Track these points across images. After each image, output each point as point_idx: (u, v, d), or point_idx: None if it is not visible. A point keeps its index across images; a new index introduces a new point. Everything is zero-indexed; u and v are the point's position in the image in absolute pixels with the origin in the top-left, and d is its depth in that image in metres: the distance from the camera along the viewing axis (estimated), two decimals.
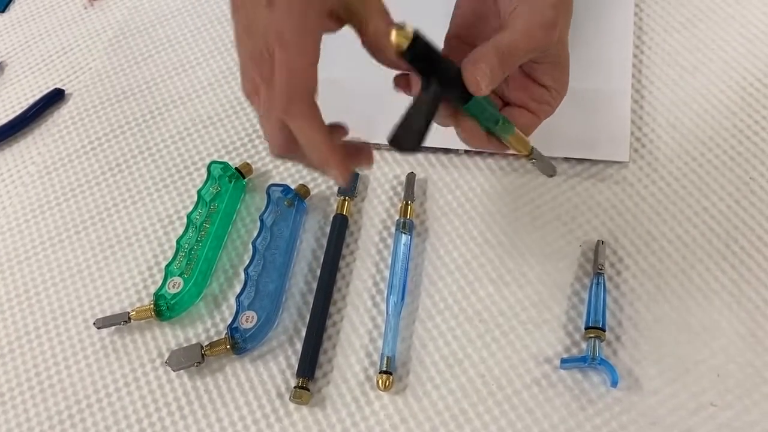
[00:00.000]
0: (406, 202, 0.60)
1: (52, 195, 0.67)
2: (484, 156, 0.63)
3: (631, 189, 0.60)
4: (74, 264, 0.63)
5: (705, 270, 0.56)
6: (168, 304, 0.58)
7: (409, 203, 0.60)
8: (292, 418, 0.53)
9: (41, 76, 0.76)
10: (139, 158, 0.68)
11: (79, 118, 0.72)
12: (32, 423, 0.55)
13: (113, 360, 0.58)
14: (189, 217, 0.61)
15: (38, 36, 0.79)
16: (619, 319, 0.54)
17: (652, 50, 0.67)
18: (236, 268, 0.61)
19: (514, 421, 0.51)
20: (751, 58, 0.65)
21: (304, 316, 0.57)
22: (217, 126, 0.69)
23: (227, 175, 0.63)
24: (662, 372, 0.52)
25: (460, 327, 0.56)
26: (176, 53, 0.75)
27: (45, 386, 0.57)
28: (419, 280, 0.58)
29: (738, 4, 0.69)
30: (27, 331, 0.60)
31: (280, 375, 0.55)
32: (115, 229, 0.64)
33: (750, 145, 0.61)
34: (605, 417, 0.51)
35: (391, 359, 0.54)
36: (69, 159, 0.69)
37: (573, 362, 0.52)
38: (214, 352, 0.55)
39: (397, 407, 0.53)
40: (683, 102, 0.64)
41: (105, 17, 0.80)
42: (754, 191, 0.59)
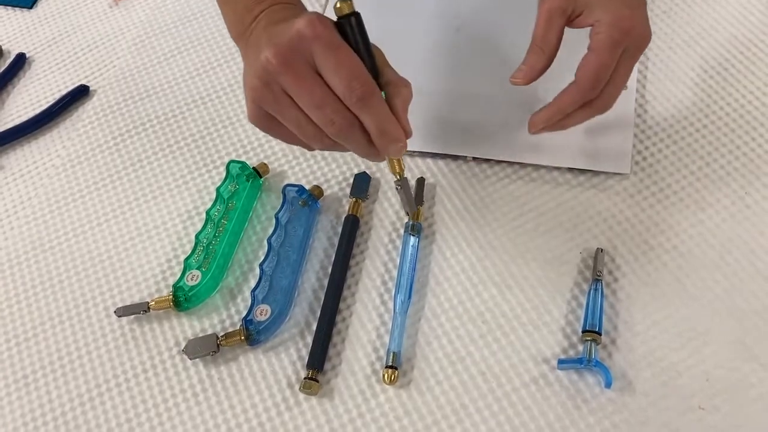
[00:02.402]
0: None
1: (76, 188, 0.70)
2: (492, 164, 0.66)
3: (631, 200, 0.62)
4: (96, 254, 0.65)
5: (699, 279, 0.58)
6: (186, 296, 0.60)
7: (418, 207, 0.63)
8: (301, 407, 0.56)
9: (67, 73, 0.79)
10: (160, 155, 0.71)
11: (103, 115, 0.74)
12: (54, 404, 0.58)
13: (132, 347, 0.60)
14: (208, 213, 0.64)
15: (64, 33, 0.82)
16: (615, 323, 0.57)
17: (656, 66, 0.70)
18: (251, 263, 0.63)
19: (512, 417, 0.54)
20: (750, 77, 0.68)
21: (315, 311, 0.60)
22: (236, 126, 0.72)
23: (245, 174, 0.65)
24: (654, 375, 0.54)
25: (463, 326, 0.58)
26: (198, 54, 0.78)
27: (67, 370, 0.60)
28: (426, 281, 0.61)
29: (740, 24, 0.71)
30: (51, 317, 0.63)
31: (290, 366, 0.58)
32: (136, 222, 0.67)
33: (746, 161, 0.63)
34: (598, 416, 0.53)
35: (397, 355, 0.56)
36: (93, 153, 0.72)
37: (570, 363, 0.55)
38: (229, 342, 0.58)
39: (401, 400, 0.56)
40: (684, 117, 0.66)
41: (129, 16, 0.82)
42: (749, 205, 0.61)
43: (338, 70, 0.44)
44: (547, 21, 0.53)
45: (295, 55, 0.44)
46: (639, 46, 0.54)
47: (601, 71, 0.52)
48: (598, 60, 0.52)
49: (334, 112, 0.45)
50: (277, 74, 0.44)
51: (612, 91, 0.54)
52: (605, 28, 0.52)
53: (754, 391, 0.53)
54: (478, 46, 0.72)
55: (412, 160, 0.67)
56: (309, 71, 0.44)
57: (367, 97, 0.44)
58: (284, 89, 0.45)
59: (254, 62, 0.46)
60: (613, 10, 0.52)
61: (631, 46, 0.53)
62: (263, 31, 0.49)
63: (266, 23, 0.50)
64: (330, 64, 0.44)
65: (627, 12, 0.52)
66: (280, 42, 0.44)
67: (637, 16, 0.53)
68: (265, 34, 0.48)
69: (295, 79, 0.44)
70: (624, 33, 0.52)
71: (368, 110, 0.45)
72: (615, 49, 0.52)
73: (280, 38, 0.45)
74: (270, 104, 0.47)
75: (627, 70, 0.54)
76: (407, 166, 0.67)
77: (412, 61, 0.73)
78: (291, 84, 0.44)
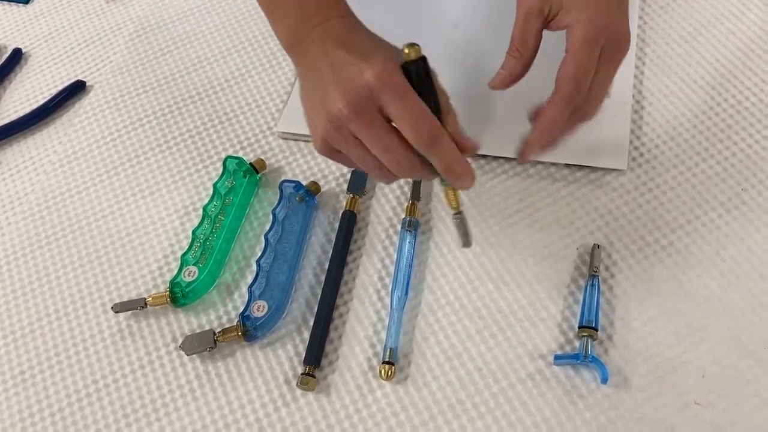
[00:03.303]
0: (412, 202, 0.63)
1: (73, 183, 0.70)
2: (488, 159, 0.66)
3: (628, 196, 0.62)
4: (93, 250, 0.65)
5: (695, 276, 0.58)
6: (183, 292, 0.60)
7: (415, 203, 0.63)
8: (298, 403, 0.56)
9: (63, 68, 0.79)
10: (157, 151, 0.71)
11: (99, 110, 0.74)
12: (51, 400, 0.58)
13: (129, 343, 0.60)
14: (205, 209, 0.64)
15: (61, 28, 0.82)
16: (612, 319, 0.57)
17: (653, 62, 0.70)
18: (248, 259, 0.63)
19: (508, 412, 0.54)
20: (747, 73, 0.68)
21: (312, 307, 0.60)
22: (233, 122, 0.72)
23: (242, 170, 0.65)
24: (650, 371, 0.55)
25: (460, 322, 0.58)
26: (195, 49, 0.77)
27: (64, 366, 0.60)
28: (422, 277, 0.61)
29: (737, 20, 0.71)
30: (47, 313, 0.63)
31: (288, 362, 0.58)
32: (133, 218, 0.67)
33: (743, 157, 0.63)
34: (594, 412, 0.54)
35: (394, 351, 0.57)
36: (89, 149, 0.72)
37: (566, 359, 0.55)
38: (226, 338, 0.58)
39: (398, 396, 0.56)
40: (681, 114, 0.66)
41: (126, 12, 0.82)
42: (745, 202, 0.61)
43: (407, 116, 0.45)
44: (524, 23, 0.52)
45: (365, 104, 0.45)
46: (617, 45, 0.52)
47: (579, 72, 0.51)
48: (574, 61, 0.51)
49: (401, 156, 0.47)
50: (348, 122, 0.46)
51: (594, 95, 0.52)
52: (580, 26, 0.50)
53: (750, 388, 0.53)
54: (476, 41, 0.72)
55: None
56: (378, 119, 0.46)
57: (435, 141, 0.46)
58: (353, 134, 0.47)
59: (320, 94, 0.47)
60: (589, 8, 0.51)
61: (608, 46, 0.51)
62: (324, 56, 0.48)
63: (325, 41, 0.49)
64: (398, 111, 0.45)
65: (603, 9, 0.51)
66: (349, 90, 0.45)
67: (615, 15, 0.52)
68: (327, 64, 0.48)
69: (366, 127, 0.46)
70: (599, 30, 0.50)
71: (436, 152, 0.46)
72: (591, 47, 0.50)
73: (349, 85, 0.45)
74: (339, 144, 0.48)
75: (608, 74, 0.53)
76: None
77: None
78: (361, 131, 0.46)
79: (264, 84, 0.74)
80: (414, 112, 0.45)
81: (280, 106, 0.72)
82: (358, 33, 0.50)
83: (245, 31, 0.78)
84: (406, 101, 0.45)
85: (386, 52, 0.47)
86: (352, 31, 0.50)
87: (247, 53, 0.76)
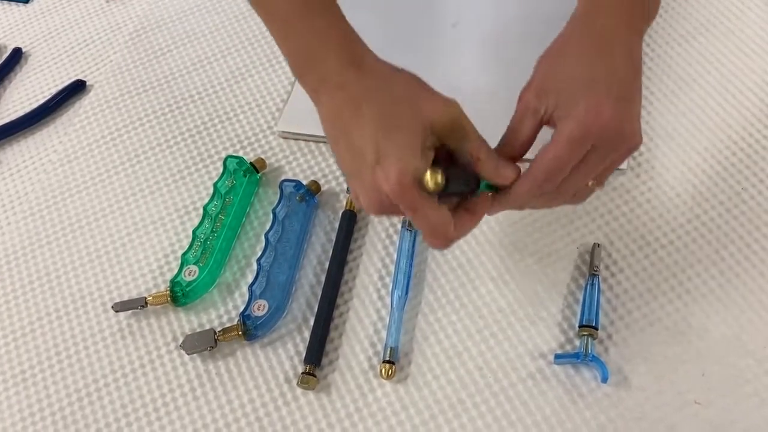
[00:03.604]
0: None
1: (73, 183, 0.70)
2: None
3: (628, 195, 0.62)
4: (93, 250, 0.65)
5: (695, 275, 0.58)
6: (183, 291, 0.60)
7: None
8: (298, 402, 0.56)
9: (63, 67, 0.79)
10: (157, 150, 0.71)
11: (99, 109, 0.74)
12: (52, 399, 0.58)
13: (130, 342, 0.60)
14: (205, 209, 0.64)
15: (61, 28, 0.82)
16: (612, 318, 0.57)
17: (653, 61, 0.70)
18: (249, 258, 0.64)
19: (509, 411, 0.54)
20: (747, 72, 0.68)
21: (312, 306, 0.60)
22: (233, 121, 0.72)
23: (242, 169, 0.65)
24: (650, 370, 0.55)
25: (460, 321, 0.58)
26: (195, 49, 0.77)
27: (64, 365, 0.60)
28: (423, 276, 0.61)
29: (738, 19, 0.71)
30: (48, 312, 0.63)
31: (288, 361, 0.58)
32: (133, 217, 0.67)
33: (743, 157, 0.63)
34: (594, 411, 0.54)
35: (394, 350, 0.57)
36: (90, 149, 0.72)
37: (566, 358, 0.55)
38: (227, 337, 0.58)
39: (398, 395, 0.56)
40: (681, 113, 0.66)
41: (126, 11, 0.82)
42: (745, 201, 0.61)
43: (421, 226, 0.47)
44: (519, 119, 0.50)
45: (389, 205, 0.46)
46: (613, 144, 0.46)
47: (553, 165, 0.46)
48: (552, 152, 0.46)
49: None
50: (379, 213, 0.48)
51: (568, 188, 0.48)
52: (568, 123, 0.45)
53: (750, 387, 0.53)
54: (474, 41, 0.72)
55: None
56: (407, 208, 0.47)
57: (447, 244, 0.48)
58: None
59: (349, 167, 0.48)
60: (587, 102, 0.45)
61: (602, 144, 0.46)
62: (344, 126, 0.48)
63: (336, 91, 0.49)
64: (413, 220, 0.47)
65: (604, 107, 0.45)
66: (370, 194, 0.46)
67: (618, 113, 0.45)
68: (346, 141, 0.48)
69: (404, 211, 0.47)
70: (587, 130, 0.45)
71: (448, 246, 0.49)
72: (574, 146, 0.45)
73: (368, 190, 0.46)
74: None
75: (592, 169, 0.47)
76: None
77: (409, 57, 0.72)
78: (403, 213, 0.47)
79: (264, 83, 0.74)
80: (425, 225, 0.46)
81: (281, 105, 0.72)
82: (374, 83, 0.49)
83: (245, 31, 0.78)
84: (417, 216, 0.46)
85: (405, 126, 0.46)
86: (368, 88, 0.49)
87: (248, 52, 0.76)
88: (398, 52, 0.73)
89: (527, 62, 0.70)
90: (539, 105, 0.48)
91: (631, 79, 0.48)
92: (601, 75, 0.47)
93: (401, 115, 0.46)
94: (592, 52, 0.49)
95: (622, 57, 0.48)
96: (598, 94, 0.46)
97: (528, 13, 0.73)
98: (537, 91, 0.48)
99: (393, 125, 0.46)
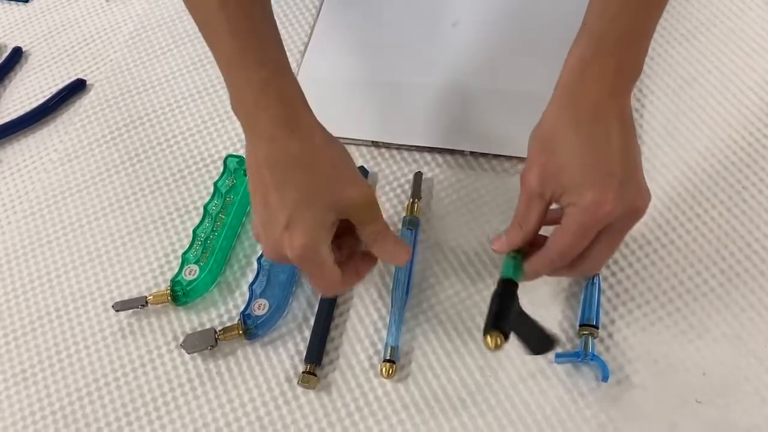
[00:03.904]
0: (412, 200, 0.63)
1: (74, 182, 0.70)
2: (489, 158, 0.66)
3: None
4: (94, 249, 0.65)
5: (695, 274, 0.58)
6: (184, 290, 0.60)
7: (415, 201, 0.63)
8: (299, 401, 0.56)
9: (63, 67, 0.78)
10: (157, 149, 0.71)
11: (100, 109, 0.74)
12: (52, 399, 0.58)
13: (130, 342, 0.60)
14: (205, 208, 0.64)
15: (61, 27, 0.82)
16: (612, 317, 0.57)
17: (653, 60, 0.70)
18: (249, 257, 0.64)
19: (509, 411, 0.54)
20: (748, 71, 0.68)
21: (312, 305, 0.60)
22: (233, 120, 0.71)
23: (243, 168, 0.65)
24: (651, 369, 0.55)
25: (461, 320, 0.58)
26: (195, 48, 0.77)
27: (65, 364, 0.60)
28: (423, 275, 0.61)
29: (738, 18, 0.71)
30: (48, 311, 0.63)
31: (288, 360, 0.58)
32: (133, 216, 0.67)
33: (743, 155, 0.63)
34: (595, 410, 0.54)
35: (395, 349, 0.57)
36: (90, 148, 0.72)
37: (567, 357, 0.55)
38: (227, 336, 0.58)
39: (399, 394, 0.56)
40: (681, 112, 0.66)
41: (126, 10, 0.82)
42: (746, 200, 0.61)
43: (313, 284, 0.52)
44: (526, 203, 0.51)
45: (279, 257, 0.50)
46: (624, 223, 0.49)
47: (566, 250, 0.49)
48: (562, 239, 0.49)
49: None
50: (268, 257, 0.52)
51: (586, 267, 0.51)
52: (576, 211, 0.47)
53: (750, 386, 0.53)
54: (475, 40, 0.72)
55: (410, 154, 0.67)
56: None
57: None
58: None
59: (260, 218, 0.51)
60: (592, 192, 0.46)
61: (612, 227, 0.48)
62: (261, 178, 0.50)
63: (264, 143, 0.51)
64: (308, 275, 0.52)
65: (609, 194, 0.46)
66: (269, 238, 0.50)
67: (623, 194, 0.47)
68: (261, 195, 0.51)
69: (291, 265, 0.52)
70: (596, 220, 0.47)
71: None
72: (584, 233, 0.48)
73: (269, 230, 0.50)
74: None
75: (606, 246, 0.50)
76: (404, 161, 0.67)
77: (409, 56, 0.73)
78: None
79: None
80: (317, 283, 0.52)
81: None
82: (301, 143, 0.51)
83: None
84: (312, 277, 0.51)
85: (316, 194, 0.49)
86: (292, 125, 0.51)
87: None
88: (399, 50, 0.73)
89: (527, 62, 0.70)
90: (544, 190, 0.49)
91: (629, 150, 0.48)
92: (600, 158, 0.47)
93: (318, 195, 0.49)
94: (585, 133, 0.48)
95: (616, 131, 0.48)
96: (601, 181, 0.47)
97: (528, 13, 0.73)
98: (539, 178, 0.49)
99: (308, 202, 0.49)
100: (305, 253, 0.48)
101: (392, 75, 0.71)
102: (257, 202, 0.51)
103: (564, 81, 0.50)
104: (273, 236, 0.49)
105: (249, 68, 0.51)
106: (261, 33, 0.52)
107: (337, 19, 0.75)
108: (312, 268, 0.50)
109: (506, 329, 0.47)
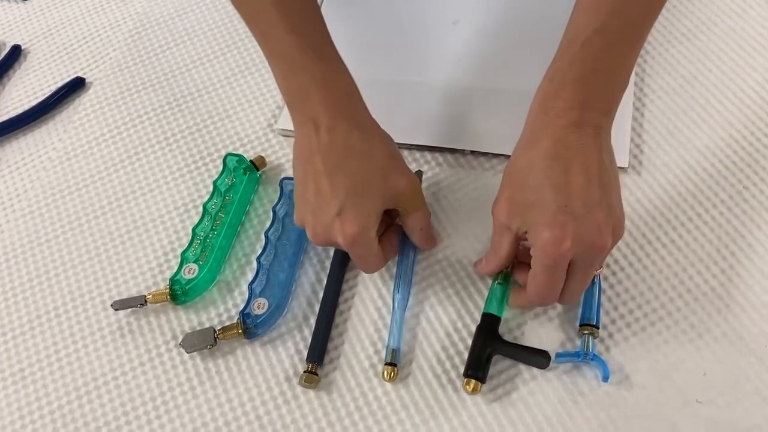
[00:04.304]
0: None
1: (72, 180, 0.69)
2: (489, 157, 0.66)
3: (629, 194, 0.62)
4: (93, 248, 0.65)
5: (696, 273, 0.58)
6: (183, 289, 0.60)
7: None
8: (299, 401, 0.56)
9: (62, 65, 0.78)
10: (156, 147, 0.71)
11: (99, 107, 0.74)
12: (51, 398, 0.58)
13: (129, 341, 0.60)
14: (205, 207, 0.64)
15: (60, 24, 0.82)
16: (613, 317, 0.57)
17: (654, 60, 0.69)
18: (249, 256, 0.63)
19: (509, 410, 0.54)
20: (749, 70, 0.68)
21: (312, 305, 0.60)
22: (233, 119, 0.71)
23: (242, 167, 0.65)
24: (651, 368, 0.55)
25: (461, 321, 0.58)
26: (194, 46, 0.77)
27: (63, 363, 0.60)
28: (424, 275, 0.61)
29: (739, 18, 0.71)
30: (47, 310, 0.62)
31: (288, 360, 0.58)
32: (132, 215, 0.67)
33: (744, 155, 0.63)
34: (595, 409, 0.53)
35: (396, 352, 0.56)
36: (89, 146, 0.72)
37: (567, 357, 0.55)
38: (226, 335, 0.58)
39: (399, 394, 0.56)
40: (682, 111, 0.66)
41: (125, 8, 0.82)
42: (746, 199, 0.61)
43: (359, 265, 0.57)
44: (498, 234, 0.53)
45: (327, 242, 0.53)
46: (589, 259, 0.49)
47: (541, 290, 0.50)
48: (535, 282, 0.50)
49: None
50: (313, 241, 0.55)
51: (563, 300, 0.53)
52: (536, 253, 0.48)
53: (751, 385, 0.53)
54: (475, 39, 0.72)
55: (410, 153, 0.67)
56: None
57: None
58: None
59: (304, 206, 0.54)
60: (547, 231, 0.47)
61: (577, 263, 0.49)
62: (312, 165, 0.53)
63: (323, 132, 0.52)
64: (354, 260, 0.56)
65: (562, 232, 0.46)
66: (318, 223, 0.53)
67: (581, 231, 0.47)
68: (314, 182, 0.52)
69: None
70: (555, 259, 0.48)
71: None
72: (551, 272, 0.49)
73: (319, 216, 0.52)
74: None
75: (582, 280, 0.51)
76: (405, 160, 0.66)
77: (410, 55, 0.72)
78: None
79: (264, 81, 0.74)
80: (363, 266, 0.56)
81: (281, 103, 0.72)
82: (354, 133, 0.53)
83: (245, 28, 0.77)
84: (359, 261, 0.55)
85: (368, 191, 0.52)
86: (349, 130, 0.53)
87: (248, 50, 0.76)
88: (399, 49, 0.73)
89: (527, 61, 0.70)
90: (511, 224, 0.51)
91: (589, 185, 0.48)
92: (558, 195, 0.48)
93: (371, 185, 0.52)
94: (544, 170, 0.48)
95: (577, 166, 0.48)
96: (555, 218, 0.47)
97: (529, 12, 0.73)
98: (507, 213, 0.51)
99: (361, 192, 0.51)
100: (357, 240, 0.51)
101: (392, 74, 0.71)
102: (307, 187, 0.53)
103: (530, 116, 0.52)
104: (324, 222, 0.52)
105: (310, 63, 0.53)
106: (317, 28, 0.55)
107: (336, 18, 0.75)
108: (361, 251, 0.53)
109: (481, 375, 0.53)
